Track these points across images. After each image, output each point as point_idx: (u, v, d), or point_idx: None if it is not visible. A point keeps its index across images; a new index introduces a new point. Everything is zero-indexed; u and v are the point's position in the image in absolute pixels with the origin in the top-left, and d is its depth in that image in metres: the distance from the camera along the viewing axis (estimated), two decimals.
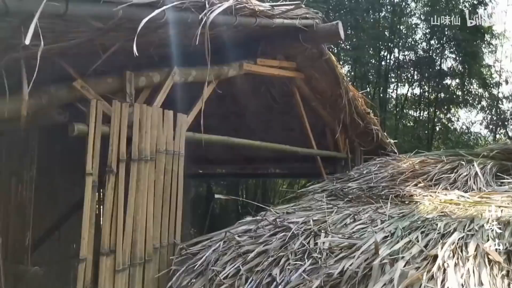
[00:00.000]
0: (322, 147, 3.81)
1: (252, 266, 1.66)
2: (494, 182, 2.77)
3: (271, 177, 8.47)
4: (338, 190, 2.83)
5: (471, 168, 2.85)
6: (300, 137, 3.77)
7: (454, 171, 2.86)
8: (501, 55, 11.13)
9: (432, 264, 1.40)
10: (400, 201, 2.38)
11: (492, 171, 2.96)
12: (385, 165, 3.31)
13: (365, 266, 1.48)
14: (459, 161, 3.07)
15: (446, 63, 11.19)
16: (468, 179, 2.75)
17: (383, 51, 11.44)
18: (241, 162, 5.95)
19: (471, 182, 2.66)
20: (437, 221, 1.78)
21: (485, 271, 1.32)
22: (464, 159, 3.11)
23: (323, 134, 3.88)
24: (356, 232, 1.85)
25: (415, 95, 12.18)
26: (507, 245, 1.46)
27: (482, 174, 2.80)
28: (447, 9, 10.23)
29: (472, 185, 2.62)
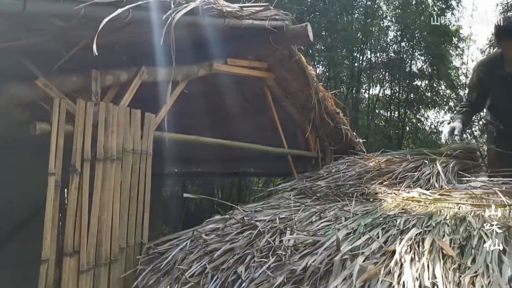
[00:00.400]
0: (293, 146, 3.87)
1: (218, 264, 1.68)
2: (455, 180, 2.88)
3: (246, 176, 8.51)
4: (307, 189, 2.88)
5: (434, 167, 2.96)
6: (272, 137, 3.81)
7: (418, 170, 2.96)
8: (467, 58, 11.59)
9: (390, 259, 1.45)
10: (365, 199, 2.45)
11: (454, 170, 3.08)
12: (353, 164, 3.39)
13: (327, 262, 1.52)
14: (423, 160, 3.18)
15: (416, 64, 11.55)
16: (431, 177, 2.86)
17: (355, 53, 11.67)
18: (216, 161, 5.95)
19: (433, 180, 2.76)
20: (398, 218, 1.85)
21: (438, 265, 1.38)
22: (428, 158, 3.22)
23: (295, 133, 3.94)
24: (321, 229, 1.90)
25: (387, 96, 12.50)
26: (460, 240, 1.53)
27: (444, 172, 2.91)
28: (417, 13, 10.56)
29: (434, 183, 2.72)
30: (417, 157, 3.32)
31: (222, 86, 3.47)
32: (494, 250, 1.38)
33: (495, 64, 3.00)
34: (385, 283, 1.34)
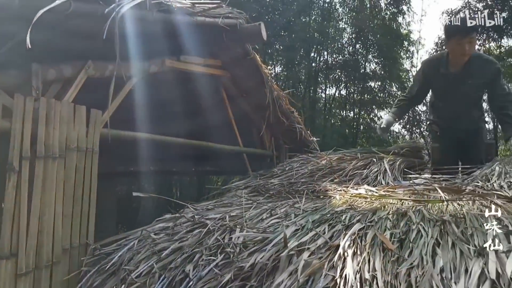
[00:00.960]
0: (249, 145, 3.89)
1: (166, 264, 1.65)
2: (401, 177, 3.03)
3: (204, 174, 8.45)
4: (260, 186, 2.91)
5: (381, 165, 3.09)
6: (228, 135, 3.81)
7: (366, 168, 3.07)
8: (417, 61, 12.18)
9: (334, 254, 1.50)
10: (316, 196, 2.51)
11: (400, 167, 3.23)
12: (306, 162, 3.46)
13: (274, 258, 1.54)
14: (372, 158, 3.30)
15: (369, 66, 11.99)
16: (378, 174, 2.98)
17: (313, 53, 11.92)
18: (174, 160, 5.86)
19: (381, 178, 2.88)
20: (344, 214, 1.91)
21: (379, 258, 1.44)
22: (377, 156, 3.35)
23: (250, 132, 3.96)
24: (271, 226, 1.92)
25: (342, 96, 12.87)
26: (400, 234, 1.61)
27: (391, 170, 3.05)
28: (371, 16, 10.96)
29: (381, 180, 2.84)
30: (366, 155, 3.45)
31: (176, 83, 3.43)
32: (429, 243, 1.46)
33: (440, 63, 3.22)
34: (328, 277, 1.38)
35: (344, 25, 11.71)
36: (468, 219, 1.65)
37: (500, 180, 2.33)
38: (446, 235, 1.53)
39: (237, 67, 3.21)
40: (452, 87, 3.15)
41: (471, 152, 3.34)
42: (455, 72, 3.10)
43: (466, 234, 1.52)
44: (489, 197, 1.99)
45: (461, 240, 1.46)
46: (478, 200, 1.96)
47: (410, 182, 2.71)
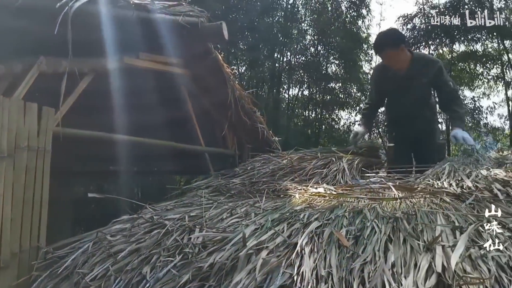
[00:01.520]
0: (211, 144, 3.87)
1: (122, 266, 1.61)
2: (359, 176, 3.12)
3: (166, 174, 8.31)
4: (222, 186, 2.90)
5: (340, 164, 3.17)
6: (190, 134, 3.77)
7: (326, 167, 3.14)
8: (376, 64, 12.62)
9: (292, 252, 1.52)
10: (276, 195, 2.54)
11: (358, 167, 3.33)
12: (268, 161, 3.49)
13: (233, 258, 1.55)
14: (332, 157, 3.38)
15: (331, 68, 12.28)
16: (337, 173, 3.06)
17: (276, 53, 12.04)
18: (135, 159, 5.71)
19: (339, 177, 2.96)
20: (303, 212, 1.94)
21: (334, 255, 1.48)
22: (336, 156, 3.44)
23: (212, 131, 3.94)
24: (231, 226, 1.92)
25: (305, 96, 13.09)
26: (355, 231, 1.66)
27: (349, 169, 3.13)
28: (332, 18, 11.22)
29: (340, 179, 2.91)
30: (326, 154, 3.53)
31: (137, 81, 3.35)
32: (381, 239, 1.51)
33: (388, 67, 3.39)
34: (286, 275, 1.40)
35: (306, 27, 11.91)
36: (419, 216, 1.73)
37: (449, 178, 2.45)
38: (398, 231, 1.60)
39: (199, 66, 3.18)
40: (401, 89, 3.34)
41: (425, 152, 3.50)
42: (401, 74, 3.30)
43: (416, 230, 1.59)
44: (439, 195, 2.09)
45: (411, 236, 1.53)
46: (428, 198, 2.06)
47: (367, 181, 2.81)
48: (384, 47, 3.15)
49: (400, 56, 3.18)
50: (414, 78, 3.24)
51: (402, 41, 3.24)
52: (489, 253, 1.30)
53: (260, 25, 10.65)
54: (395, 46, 3.12)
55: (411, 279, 1.24)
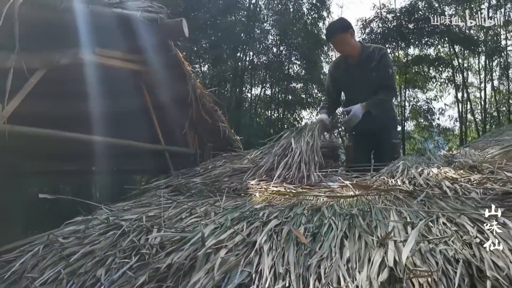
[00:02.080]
0: (171, 143, 3.81)
1: (75, 269, 1.55)
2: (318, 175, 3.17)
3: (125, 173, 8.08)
4: (182, 185, 2.86)
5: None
6: (149, 133, 3.69)
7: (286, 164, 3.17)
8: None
9: (251, 250, 1.53)
10: (237, 194, 2.54)
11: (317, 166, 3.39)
12: (229, 160, 3.49)
13: (192, 258, 1.53)
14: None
15: (293, 68, 12.45)
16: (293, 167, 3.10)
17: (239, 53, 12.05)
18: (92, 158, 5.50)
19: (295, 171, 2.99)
20: (263, 210, 1.95)
21: (292, 252, 1.50)
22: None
23: (173, 130, 3.88)
24: (190, 225, 1.90)
25: (267, 96, 13.19)
26: (313, 228, 1.69)
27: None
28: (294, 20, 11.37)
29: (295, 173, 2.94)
30: None
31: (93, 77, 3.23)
32: (338, 236, 1.55)
33: (341, 61, 3.60)
34: (244, 273, 1.40)
35: (269, 27, 12.01)
36: (373, 213, 1.79)
37: (403, 176, 2.55)
38: (354, 228, 1.64)
39: (159, 63, 3.12)
40: (354, 81, 3.48)
41: (381, 151, 3.64)
42: (352, 64, 3.46)
43: (371, 226, 1.64)
44: (393, 192, 2.17)
45: (366, 232, 1.58)
46: (383, 195, 2.13)
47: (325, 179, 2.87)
48: (334, 31, 3.41)
49: (349, 40, 3.40)
50: (365, 66, 3.39)
51: (350, 26, 3.46)
52: (437, 247, 1.37)
53: (223, 23, 10.61)
54: (343, 30, 3.37)
55: (365, 274, 1.28)
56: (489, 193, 1.96)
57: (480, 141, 5.35)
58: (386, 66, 3.44)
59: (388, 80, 3.45)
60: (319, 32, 12.10)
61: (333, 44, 3.60)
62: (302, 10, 11.77)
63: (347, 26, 3.44)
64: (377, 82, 3.40)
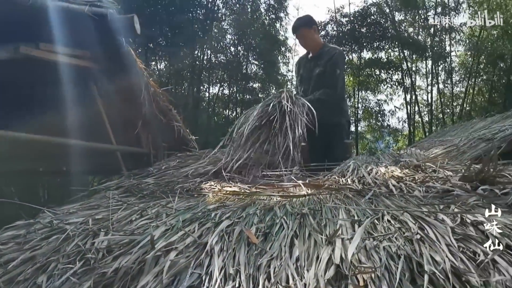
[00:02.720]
0: (124, 142, 3.69)
1: (13, 276, 1.47)
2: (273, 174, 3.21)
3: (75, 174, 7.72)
4: (134, 187, 2.79)
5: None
6: (100, 132, 3.56)
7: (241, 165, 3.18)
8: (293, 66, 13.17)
9: (201, 252, 1.51)
10: (191, 195, 2.51)
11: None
12: (184, 160, 3.44)
13: (140, 261, 1.49)
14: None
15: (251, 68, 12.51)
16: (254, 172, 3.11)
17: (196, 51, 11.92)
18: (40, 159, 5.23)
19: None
20: (215, 211, 1.94)
21: (243, 252, 1.50)
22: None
23: (125, 129, 3.77)
24: (140, 228, 1.85)
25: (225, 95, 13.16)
26: (265, 228, 1.70)
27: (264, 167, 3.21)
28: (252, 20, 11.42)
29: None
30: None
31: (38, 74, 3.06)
32: (288, 235, 1.57)
33: (304, 56, 3.83)
34: (194, 275, 1.39)
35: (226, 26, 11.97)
36: (324, 211, 1.83)
37: (353, 175, 2.64)
38: (304, 227, 1.67)
39: (110, 60, 3.02)
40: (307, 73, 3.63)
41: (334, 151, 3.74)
42: (311, 58, 3.68)
43: (321, 225, 1.68)
44: (343, 191, 2.24)
45: (316, 230, 1.61)
46: (334, 194, 2.19)
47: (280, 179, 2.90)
48: (299, 25, 3.65)
49: (313, 36, 3.66)
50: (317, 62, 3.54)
51: (314, 23, 3.75)
52: (381, 243, 1.42)
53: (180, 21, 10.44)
54: (308, 25, 3.64)
55: (313, 272, 1.31)
56: (431, 191, 2.07)
57: (425, 141, 5.66)
58: (334, 65, 3.56)
59: (332, 79, 3.54)
60: (276, 33, 12.24)
61: (298, 38, 3.77)
62: (260, 11, 11.85)
63: (312, 22, 3.71)
64: (323, 80, 3.52)
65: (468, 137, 3.78)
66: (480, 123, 4.71)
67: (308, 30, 3.64)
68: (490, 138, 3.37)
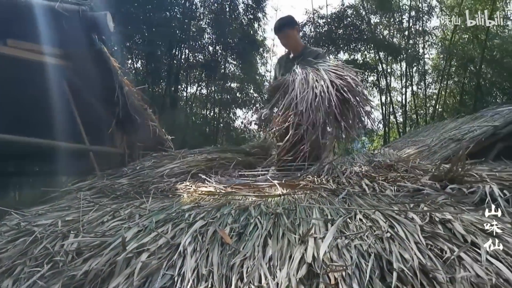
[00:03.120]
0: (98, 142, 3.62)
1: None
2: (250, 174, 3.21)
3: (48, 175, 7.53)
4: (107, 187, 2.73)
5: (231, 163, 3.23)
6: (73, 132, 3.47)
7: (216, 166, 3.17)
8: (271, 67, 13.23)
9: (174, 253, 1.50)
10: (165, 195, 2.48)
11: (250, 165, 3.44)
12: (160, 160, 3.40)
13: (111, 263, 1.46)
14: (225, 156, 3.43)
15: (229, 67, 12.48)
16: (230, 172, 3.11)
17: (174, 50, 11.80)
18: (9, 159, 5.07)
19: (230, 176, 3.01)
20: (190, 211, 1.93)
21: (216, 253, 1.49)
22: (229, 155, 3.50)
23: (99, 128, 3.69)
24: (112, 229, 1.82)
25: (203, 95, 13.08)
26: (239, 228, 1.69)
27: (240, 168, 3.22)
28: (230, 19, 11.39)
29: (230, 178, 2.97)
30: (219, 154, 3.57)
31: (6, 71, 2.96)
32: (262, 235, 1.57)
33: (284, 55, 3.88)
34: (167, 276, 1.37)
35: (205, 25, 11.90)
36: (298, 211, 1.84)
37: (328, 175, 2.67)
38: (278, 226, 1.68)
39: (82, 58, 2.94)
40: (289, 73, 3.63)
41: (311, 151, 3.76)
42: (293, 57, 3.71)
43: (294, 224, 1.69)
44: (318, 190, 2.26)
45: (289, 230, 1.62)
46: (309, 194, 2.21)
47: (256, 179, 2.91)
48: (282, 26, 3.70)
49: (295, 36, 3.72)
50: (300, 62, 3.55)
51: (296, 23, 3.82)
52: (352, 242, 1.44)
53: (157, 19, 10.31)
54: (291, 25, 3.70)
55: (285, 271, 1.31)
56: (402, 190, 2.11)
57: (399, 142, 5.79)
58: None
59: None
60: (255, 33, 12.25)
61: (280, 37, 3.78)
62: (238, 10, 11.83)
63: (294, 23, 3.77)
64: None
65: (440, 138, 3.89)
66: (451, 124, 4.85)
67: (291, 30, 3.68)
68: (460, 139, 3.47)
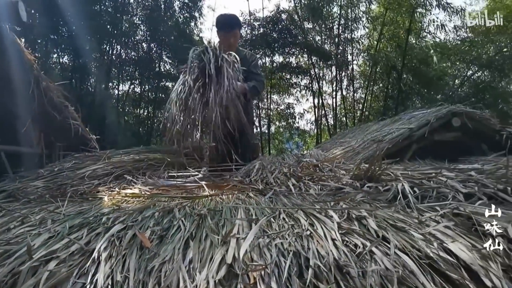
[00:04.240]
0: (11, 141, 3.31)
1: None
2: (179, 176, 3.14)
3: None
4: (19, 190, 2.51)
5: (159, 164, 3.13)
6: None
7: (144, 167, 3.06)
8: None
9: (87, 259, 1.40)
10: (85, 198, 2.34)
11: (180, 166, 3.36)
12: (82, 161, 3.20)
13: (14, 273, 1.33)
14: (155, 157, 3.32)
15: (164, 66, 12.16)
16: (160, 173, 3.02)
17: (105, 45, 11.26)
18: None
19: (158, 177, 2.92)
20: (109, 215, 1.82)
21: (135, 257, 1.42)
22: (158, 155, 3.39)
23: (13, 126, 3.38)
24: (19, 236, 1.66)
25: (136, 93, 12.62)
26: (161, 231, 1.64)
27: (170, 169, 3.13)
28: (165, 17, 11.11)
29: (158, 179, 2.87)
30: (148, 154, 3.45)
31: None
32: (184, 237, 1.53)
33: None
34: (78, 284, 1.28)
35: (138, 21, 11.48)
36: (224, 212, 1.83)
37: (257, 175, 2.69)
38: (202, 228, 1.65)
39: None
40: None
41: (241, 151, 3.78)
42: None
43: (219, 225, 1.67)
44: (246, 191, 2.27)
45: (213, 231, 1.60)
46: (236, 194, 2.21)
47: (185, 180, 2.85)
48: (232, 25, 3.57)
49: (236, 38, 3.65)
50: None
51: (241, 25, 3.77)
52: (274, 241, 1.46)
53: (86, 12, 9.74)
54: (239, 25, 3.67)
55: (205, 273, 1.29)
56: (325, 189, 2.19)
57: (328, 143, 6.04)
58: (257, 67, 3.76)
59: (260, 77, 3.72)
60: (191, 32, 12.07)
61: (225, 35, 3.61)
62: (174, 8, 11.57)
63: (240, 24, 3.76)
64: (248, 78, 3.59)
65: (363, 139, 4.12)
66: (374, 126, 5.16)
67: (237, 31, 3.65)
68: (381, 140, 3.70)
